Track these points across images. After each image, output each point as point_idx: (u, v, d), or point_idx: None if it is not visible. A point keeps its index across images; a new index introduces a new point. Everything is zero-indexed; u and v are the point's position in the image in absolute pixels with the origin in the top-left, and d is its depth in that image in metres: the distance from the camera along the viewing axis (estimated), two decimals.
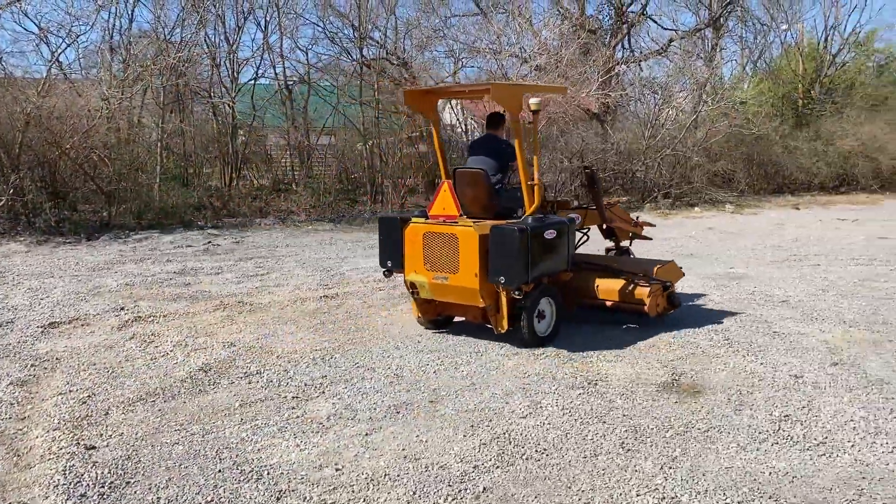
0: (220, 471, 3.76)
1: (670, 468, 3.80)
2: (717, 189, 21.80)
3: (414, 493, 3.55)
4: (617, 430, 4.27)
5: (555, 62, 19.11)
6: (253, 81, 19.39)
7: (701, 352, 5.89)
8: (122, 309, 7.34)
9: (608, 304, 6.49)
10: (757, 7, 28.40)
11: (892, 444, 4.08)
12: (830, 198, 23.37)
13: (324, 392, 4.91)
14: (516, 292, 5.66)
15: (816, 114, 27.78)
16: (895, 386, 5.05)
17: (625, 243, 7.89)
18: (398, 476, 3.71)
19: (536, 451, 3.99)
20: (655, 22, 26.40)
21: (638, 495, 3.53)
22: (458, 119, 20.32)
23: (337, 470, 3.77)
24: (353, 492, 3.56)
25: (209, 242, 12.59)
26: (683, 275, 7.20)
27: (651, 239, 8.43)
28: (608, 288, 6.43)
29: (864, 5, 34.27)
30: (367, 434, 4.20)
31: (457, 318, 6.58)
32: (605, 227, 7.52)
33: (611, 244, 7.88)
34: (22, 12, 15.72)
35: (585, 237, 7.33)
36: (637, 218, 8.11)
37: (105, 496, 3.51)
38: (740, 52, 29.74)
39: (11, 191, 13.35)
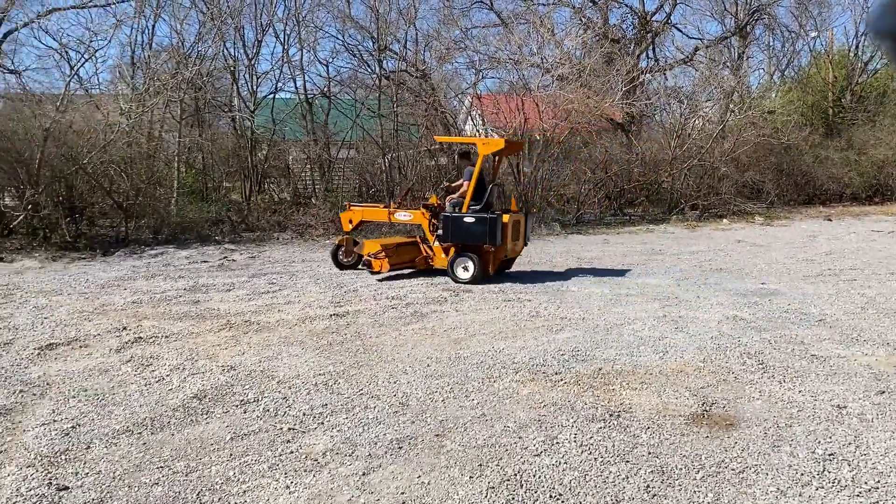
0: None
1: None
2: (746, 200, 21.25)
3: None
4: (641, 470, 3.86)
5: (577, 72, 18.75)
6: (272, 95, 19.29)
7: (734, 378, 5.44)
8: (125, 329, 7.06)
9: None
10: (784, 15, 27.92)
11: None
12: (864, 208, 22.69)
13: (322, 423, 4.55)
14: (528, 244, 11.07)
15: (848, 122, 27.11)
16: None
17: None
18: None
19: (551, 496, 3.58)
20: (680, 31, 26.07)
21: None
22: (477, 129, 20.01)
23: None
24: None
25: (225, 257, 12.37)
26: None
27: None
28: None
29: None
30: (364, 473, 3.82)
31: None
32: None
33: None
34: (42, 29, 15.77)
35: None
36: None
37: None
38: (767, 60, 29.20)
39: (28, 206, 13.24)
